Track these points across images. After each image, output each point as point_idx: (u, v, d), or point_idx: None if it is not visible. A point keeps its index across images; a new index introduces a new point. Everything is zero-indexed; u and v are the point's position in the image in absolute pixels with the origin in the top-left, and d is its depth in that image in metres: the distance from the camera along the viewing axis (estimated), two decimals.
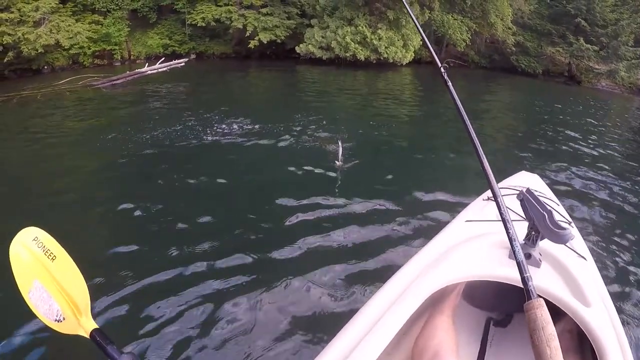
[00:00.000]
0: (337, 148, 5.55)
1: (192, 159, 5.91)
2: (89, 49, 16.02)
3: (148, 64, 13.84)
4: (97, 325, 0.95)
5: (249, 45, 17.90)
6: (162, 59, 14.91)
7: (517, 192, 1.44)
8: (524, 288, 1.01)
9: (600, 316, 1.25)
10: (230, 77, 14.82)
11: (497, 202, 1.20)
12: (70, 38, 14.54)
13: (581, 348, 1.38)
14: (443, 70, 1.60)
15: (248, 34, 17.64)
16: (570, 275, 1.42)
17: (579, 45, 19.90)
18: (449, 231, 1.88)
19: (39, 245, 1.01)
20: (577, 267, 1.49)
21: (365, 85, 14.61)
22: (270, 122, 7.55)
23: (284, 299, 2.82)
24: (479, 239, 1.61)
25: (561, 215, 2.17)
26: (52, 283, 0.98)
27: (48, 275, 0.99)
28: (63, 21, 14.62)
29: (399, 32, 17.94)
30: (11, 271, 1.01)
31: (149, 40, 18.14)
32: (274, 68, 16.99)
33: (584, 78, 20.39)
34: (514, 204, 1.56)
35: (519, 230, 1.48)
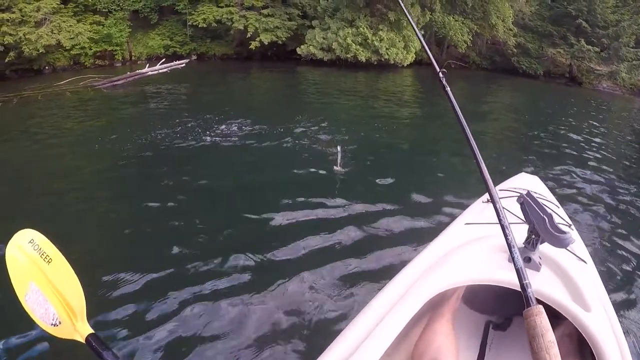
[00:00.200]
0: (336, 153, 5.52)
1: (192, 160, 5.91)
2: (90, 49, 16.05)
3: (149, 64, 13.84)
4: (93, 330, 0.94)
5: (250, 47, 17.91)
6: (163, 59, 14.91)
7: (517, 195, 1.44)
8: (523, 295, 1.01)
9: (600, 321, 1.24)
10: (231, 78, 14.82)
11: (496, 209, 1.20)
12: (72, 38, 14.55)
13: (581, 353, 1.37)
14: (441, 75, 1.59)
15: (249, 35, 17.65)
16: (571, 279, 1.42)
17: (580, 46, 19.88)
18: (449, 234, 1.87)
19: (35, 248, 1.00)
20: (578, 271, 1.49)
21: (366, 86, 14.61)
22: (271, 124, 7.55)
23: (282, 302, 2.81)
24: (478, 242, 1.60)
25: (561, 217, 2.16)
26: (48, 286, 0.97)
27: (44, 278, 0.98)
28: (64, 21, 14.63)
29: (400, 34, 17.93)
30: (7, 273, 1.00)
31: (150, 41, 18.16)
32: (275, 69, 16.99)
33: (585, 79, 20.34)
34: (514, 206, 1.55)
35: (519, 233, 1.47)
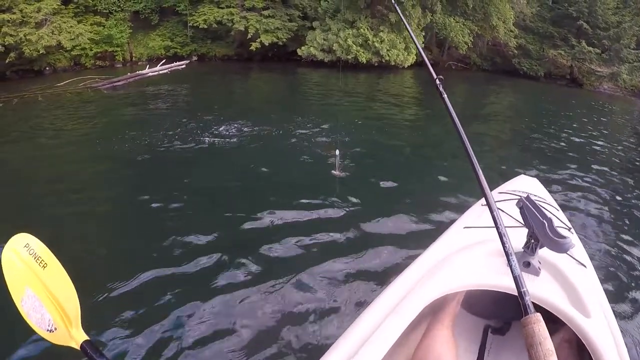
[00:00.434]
0: (335, 158, 5.45)
1: (191, 161, 5.91)
2: (91, 50, 16.09)
3: (149, 65, 13.85)
4: (87, 337, 0.93)
5: (251, 48, 17.94)
6: (164, 60, 14.94)
7: (517, 198, 1.43)
8: (520, 303, 1.00)
9: (599, 327, 1.24)
10: (232, 80, 14.83)
11: (494, 217, 1.19)
12: (72, 39, 14.59)
13: (581, 359, 1.36)
14: (438, 81, 1.59)
15: (250, 36, 17.68)
16: (570, 284, 1.41)
17: (581, 48, 19.88)
18: (447, 238, 1.87)
19: (30, 252, 0.99)
20: (577, 276, 1.48)
21: (366, 88, 14.60)
22: (271, 125, 7.55)
23: (280, 305, 2.79)
24: (477, 247, 1.60)
25: (561, 221, 2.15)
26: (44, 291, 0.96)
27: (39, 283, 0.97)
28: (65, 22, 14.66)
29: (400, 35, 17.92)
30: (3, 278, 0.99)
31: (150, 42, 18.19)
32: (276, 70, 17.00)
33: (585, 81, 20.33)
34: (514, 209, 1.54)
35: (518, 236, 1.46)
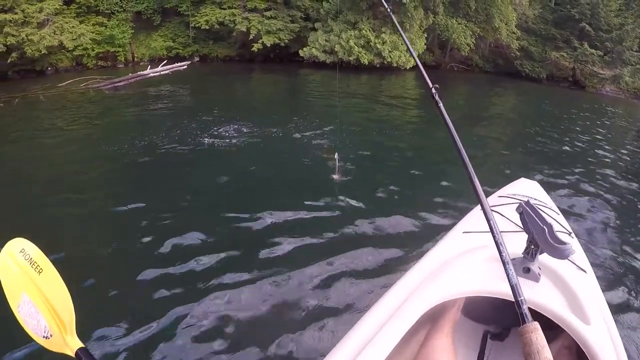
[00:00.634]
0: (335, 162, 5.40)
1: (192, 161, 5.91)
2: (93, 50, 16.11)
3: (151, 66, 13.87)
4: (82, 344, 0.92)
5: (253, 49, 17.96)
6: (165, 61, 14.95)
7: (517, 202, 1.42)
8: (518, 312, 0.99)
9: (599, 334, 1.23)
10: (233, 80, 14.83)
11: (491, 226, 1.18)
12: (74, 39, 14.63)
13: None
14: (434, 90, 1.59)
15: (252, 37, 17.70)
16: (570, 290, 1.40)
17: (583, 50, 19.85)
18: (446, 243, 1.86)
19: (26, 257, 0.98)
20: (577, 282, 1.47)
21: (368, 89, 14.57)
22: (272, 127, 7.54)
23: (279, 307, 2.78)
24: (476, 252, 1.59)
25: (561, 225, 2.14)
26: (40, 297, 0.96)
27: (35, 289, 0.96)
28: (67, 22, 14.70)
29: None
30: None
31: (152, 43, 18.22)
32: (277, 71, 17.00)
33: (588, 83, 20.29)
34: (514, 214, 1.53)
35: (518, 241, 1.45)
